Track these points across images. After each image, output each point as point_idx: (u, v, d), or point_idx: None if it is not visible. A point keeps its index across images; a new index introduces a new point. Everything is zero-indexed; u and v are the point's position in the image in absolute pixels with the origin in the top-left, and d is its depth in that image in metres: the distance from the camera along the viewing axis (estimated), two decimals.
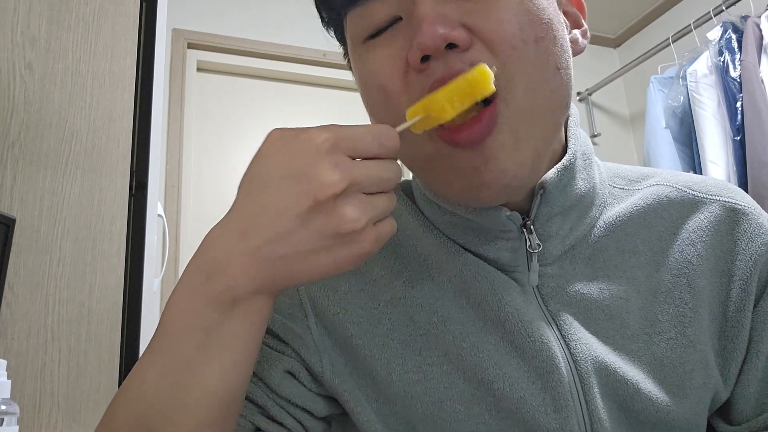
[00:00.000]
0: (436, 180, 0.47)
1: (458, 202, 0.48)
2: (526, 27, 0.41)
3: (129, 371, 0.39)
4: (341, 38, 0.52)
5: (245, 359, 0.38)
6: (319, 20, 0.54)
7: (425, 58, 0.41)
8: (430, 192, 0.51)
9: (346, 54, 0.53)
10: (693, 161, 2.01)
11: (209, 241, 0.37)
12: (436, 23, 0.40)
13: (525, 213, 0.48)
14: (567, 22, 0.49)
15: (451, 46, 0.41)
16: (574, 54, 0.48)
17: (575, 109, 0.53)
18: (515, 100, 0.41)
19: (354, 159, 0.36)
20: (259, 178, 0.36)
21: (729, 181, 1.85)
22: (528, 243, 0.48)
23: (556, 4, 0.46)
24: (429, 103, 0.40)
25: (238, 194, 0.38)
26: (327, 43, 0.56)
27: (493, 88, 0.38)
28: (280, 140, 0.37)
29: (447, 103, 0.39)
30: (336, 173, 0.34)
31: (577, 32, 0.50)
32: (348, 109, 2.36)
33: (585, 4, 0.51)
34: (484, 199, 0.44)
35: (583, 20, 0.50)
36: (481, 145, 0.41)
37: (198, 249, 0.38)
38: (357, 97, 0.50)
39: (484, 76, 0.38)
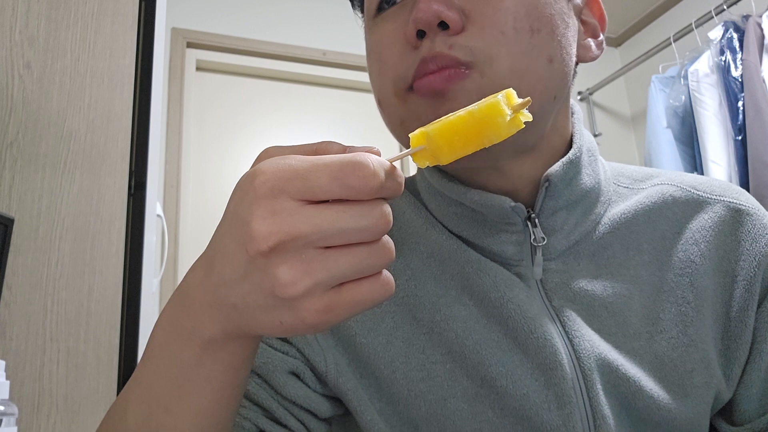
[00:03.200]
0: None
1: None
2: (522, 17, 0.43)
3: (128, 372, 0.38)
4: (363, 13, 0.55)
5: (223, 401, 0.35)
6: (319, 20, 0.55)
7: (421, 35, 0.43)
8: (431, 172, 0.51)
9: None
10: (694, 161, 2.01)
11: (193, 266, 0.33)
12: (433, 1, 0.42)
13: (530, 206, 0.49)
14: (582, 27, 0.50)
15: (444, 26, 0.42)
16: (583, 60, 0.50)
17: (579, 108, 0.54)
18: (493, 76, 0.42)
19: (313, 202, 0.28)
20: (227, 207, 0.31)
21: (730, 181, 1.85)
22: (532, 236, 0.48)
23: (569, 8, 0.48)
24: (431, 135, 0.32)
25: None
26: (327, 42, 0.57)
27: (507, 132, 0.31)
28: (252, 167, 0.30)
29: (445, 143, 0.31)
30: (266, 224, 0.27)
31: (591, 41, 0.51)
32: (348, 109, 2.36)
33: (606, 18, 0.53)
34: None
35: (600, 32, 0.52)
36: (445, 94, 0.42)
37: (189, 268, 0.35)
38: (357, 96, 0.51)
39: (496, 111, 0.30)
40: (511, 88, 0.32)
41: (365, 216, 0.28)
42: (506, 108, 0.31)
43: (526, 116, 0.31)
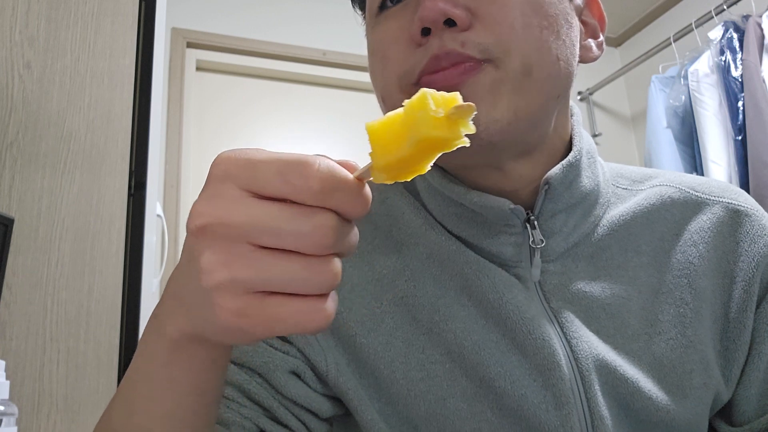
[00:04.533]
0: None
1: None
2: (529, 14, 0.43)
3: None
4: (363, 12, 0.55)
5: (189, 407, 0.34)
6: (319, 20, 0.55)
7: (426, 32, 0.43)
8: (431, 172, 0.51)
9: None
10: (694, 161, 2.01)
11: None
12: None
13: (529, 208, 0.49)
14: (582, 28, 0.50)
15: (451, 24, 0.42)
16: (583, 60, 0.50)
17: (578, 110, 0.54)
18: (507, 69, 0.42)
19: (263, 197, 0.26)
20: None
21: (730, 181, 1.85)
22: (531, 238, 0.48)
23: (571, 9, 0.48)
24: (376, 166, 0.27)
25: None
26: (327, 42, 0.57)
27: (439, 134, 0.25)
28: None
29: (391, 160, 0.26)
30: (203, 204, 0.26)
31: (591, 41, 0.51)
32: (348, 109, 2.36)
33: (606, 19, 0.53)
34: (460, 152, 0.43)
35: (600, 33, 0.52)
36: (460, 89, 0.40)
37: None
38: (357, 96, 0.51)
39: (422, 103, 0.26)
40: (457, 93, 0.26)
41: (304, 220, 0.25)
42: (433, 104, 0.26)
43: (469, 128, 0.26)
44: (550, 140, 0.49)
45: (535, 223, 0.48)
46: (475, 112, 0.26)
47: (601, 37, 0.52)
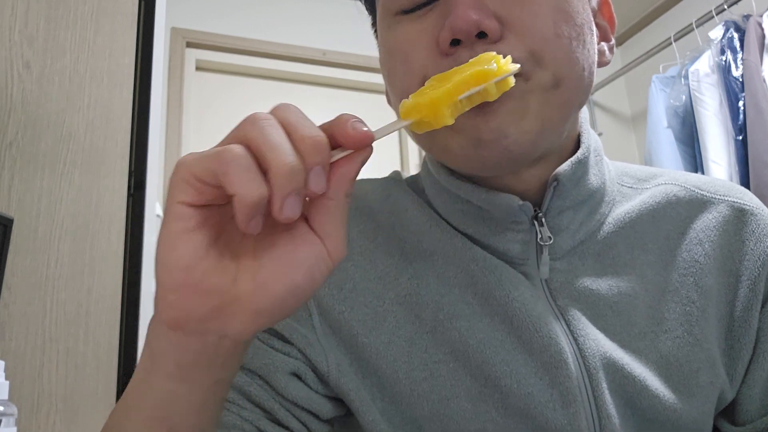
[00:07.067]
0: (435, 144, 0.46)
1: (458, 165, 0.47)
2: (561, 24, 0.42)
3: (127, 372, 0.38)
4: (371, 8, 0.53)
5: (168, 400, 0.33)
6: (319, 20, 0.54)
7: (455, 42, 0.42)
8: (438, 169, 0.50)
9: (374, 24, 0.54)
10: (695, 161, 2.01)
11: None
12: (471, 8, 0.40)
13: (537, 205, 0.48)
14: (597, 32, 0.50)
15: (481, 35, 0.41)
16: (602, 64, 0.50)
17: (585, 107, 0.54)
18: (538, 81, 0.42)
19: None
20: None
21: (731, 181, 1.84)
22: (539, 235, 0.47)
23: (590, 13, 0.47)
24: (426, 106, 0.35)
25: None
26: (327, 42, 0.56)
27: (496, 90, 0.37)
28: None
29: (446, 108, 0.34)
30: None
31: (604, 45, 0.51)
32: (348, 109, 2.32)
33: (615, 20, 0.52)
34: (484, 160, 0.43)
35: (611, 35, 0.51)
36: (485, 106, 0.40)
37: None
38: (357, 96, 0.50)
39: (486, 74, 0.36)
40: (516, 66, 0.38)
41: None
42: (494, 64, 0.36)
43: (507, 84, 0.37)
44: (563, 142, 0.49)
45: (543, 220, 0.48)
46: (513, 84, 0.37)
47: (612, 40, 0.51)
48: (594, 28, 0.47)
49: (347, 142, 0.30)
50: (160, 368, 0.32)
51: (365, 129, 0.30)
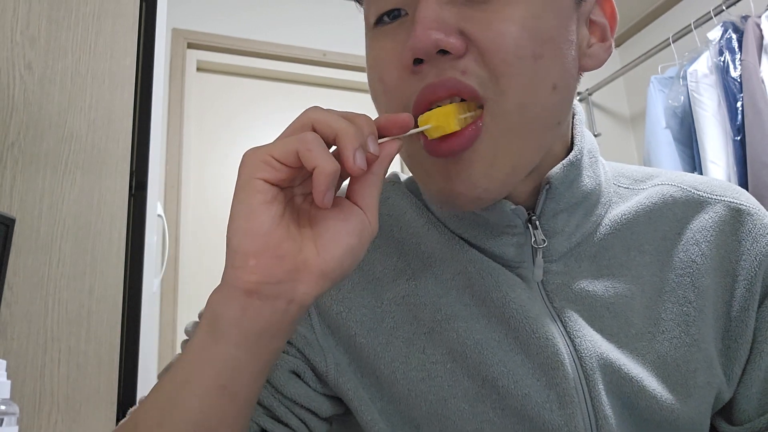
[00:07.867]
0: (416, 178, 0.48)
1: (435, 203, 0.50)
2: (525, 42, 0.40)
3: (129, 372, 0.40)
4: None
5: (214, 403, 0.36)
6: (319, 20, 0.54)
7: (418, 61, 0.41)
8: None
9: None
10: (693, 161, 2.01)
11: None
12: (431, 28, 0.40)
13: (531, 208, 0.48)
14: (588, 34, 0.47)
15: (444, 52, 0.41)
16: (587, 69, 0.47)
17: (580, 109, 0.53)
18: (503, 115, 0.41)
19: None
20: None
21: (729, 182, 1.85)
22: (533, 239, 0.48)
23: (573, 20, 0.45)
24: (438, 116, 0.40)
25: None
26: (327, 43, 0.56)
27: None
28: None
29: (453, 118, 0.40)
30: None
31: (597, 46, 0.48)
32: (348, 109, 2.34)
33: (617, 17, 0.48)
34: (458, 206, 0.45)
35: (610, 33, 0.48)
36: (457, 156, 0.42)
37: None
38: (357, 96, 0.50)
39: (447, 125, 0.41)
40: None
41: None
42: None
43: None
44: (552, 149, 0.48)
45: (537, 223, 0.48)
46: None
47: (610, 39, 0.48)
48: (573, 37, 0.45)
49: (392, 125, 0.38)
50: (226, 337, 0.35)
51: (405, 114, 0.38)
